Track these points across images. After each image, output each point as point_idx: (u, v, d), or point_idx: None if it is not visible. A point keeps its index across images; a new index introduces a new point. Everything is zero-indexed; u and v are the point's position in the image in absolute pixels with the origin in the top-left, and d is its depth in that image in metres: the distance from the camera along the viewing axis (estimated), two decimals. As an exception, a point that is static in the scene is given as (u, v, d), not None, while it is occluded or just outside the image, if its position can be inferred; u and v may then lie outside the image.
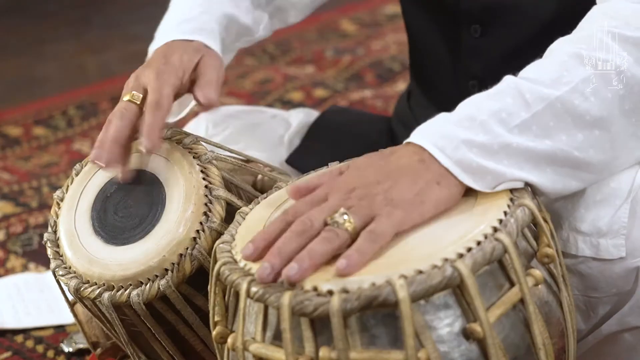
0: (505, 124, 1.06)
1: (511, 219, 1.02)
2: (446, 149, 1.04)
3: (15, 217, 2.13)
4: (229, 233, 1.10)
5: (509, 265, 1.01)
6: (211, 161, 1.24)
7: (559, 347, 1.06)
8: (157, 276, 1.18)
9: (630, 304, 1.17)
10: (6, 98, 2.78)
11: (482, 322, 0.97)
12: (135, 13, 3.23)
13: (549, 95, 1.08)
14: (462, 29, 1.39)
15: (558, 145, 1.08)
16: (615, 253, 1.15)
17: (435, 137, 1.05)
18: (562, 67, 1.10)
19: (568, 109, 1.08)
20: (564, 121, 1.08)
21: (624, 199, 1.15)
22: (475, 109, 1.07)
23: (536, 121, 1.07)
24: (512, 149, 1.06)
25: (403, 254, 0.99)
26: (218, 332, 1.06)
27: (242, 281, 1.00)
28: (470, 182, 1.05)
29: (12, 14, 3.39)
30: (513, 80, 1.10)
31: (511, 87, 1.09)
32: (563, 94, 1.08)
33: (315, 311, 0.95)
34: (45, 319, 1.74)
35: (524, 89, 1.08)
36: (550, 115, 1.07)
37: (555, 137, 1.08)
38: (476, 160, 1.04)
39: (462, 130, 1.05)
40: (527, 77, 1.10)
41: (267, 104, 2.56)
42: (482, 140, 1.05)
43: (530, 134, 1.07)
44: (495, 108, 1.07)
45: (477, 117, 1.06)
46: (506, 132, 1.06)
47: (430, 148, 1.05)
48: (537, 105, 1.07)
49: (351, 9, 3.17)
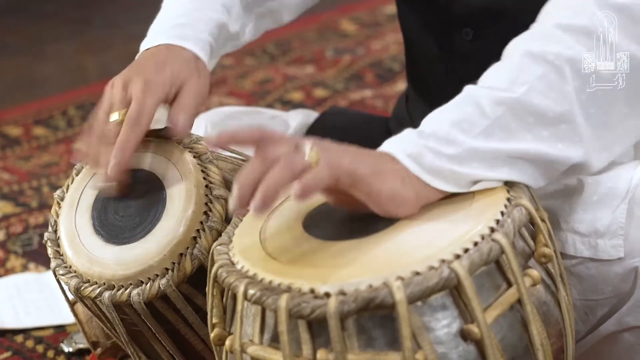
0: (468, 133, 1.06)
1: (508, 219, 1.02)
2: (416, 157, 1.05)
3: (15, 217, 2.13)
4: (226, 235, 1.11)
5: (506, 265, 1.01)
6: (211, 161, 1.24)
7: (557, 347, 1.06)
8: (157, 275, 1.18)
9: (629, 304, 1.17)
10: (6, 98, 2.78)
11: (480, 323, 0.97)
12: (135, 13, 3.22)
13: (507, 99, 1.07)
14: (454, 32, 1.38)
15: (524, 145, 1.07)
16: (613, 253, 1.15)
17: (406, 147, 1.06)
18: (517, 68, 1.09)
19: (528, 109, 1.07)
20: (526, 121, 1.07)
21: (621, 199, 1.15)
22: (436, 125, 1.07)
23: (498, 125, 1.07)
24: (480, 153, 1.06)
25: (400, 256, 0.99)
26: (216, 334, 1.06)
27: (240, 283, 1.00)
28: (444, 186, 1.05)
29: (12, 14, 3.39)
30: (471, 89, 1.10)
31: (469, 96, 1.09)
32: (521, 96, 1.07)
33: (313, 313, 0.95)
34: (45, 319, 1.74)
35: (480, 97, 1.08)
36: (511, 117, 1.07)
37: (521, 137, 1.07)
38: (447, 167, 1.05)
39: (429, 142, 1.06)
40: (484, 84, 1.10)
41: (267, 104, 2.55)
42: (450, 152, 1.05)
43: (495, 137, 1.07)
44: (456, 119, 1.07)
45: (439, 131, 1.06)
46: (470, 139, 1.06)
47: (400, 157, 1.05)
48: (496, 111, 1.07)
49: (351, 9, 3.17)
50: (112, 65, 1.36)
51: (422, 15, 1.44)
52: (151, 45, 1.33)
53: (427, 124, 1.08)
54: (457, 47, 1.39)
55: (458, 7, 1.37)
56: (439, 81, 1.44)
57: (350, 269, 0.98)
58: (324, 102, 2.57)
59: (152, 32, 1.36)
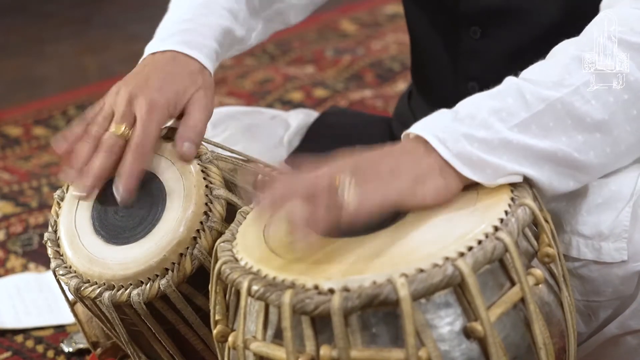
0: (505, 122, 1.07)
1: (512, 218, 1.02)
2: (447, 141, 1.05)
3: (15, 217, 2.13)
4: (230, 232, 1.11)
5: (510, 264, 1.01)
6: (212, 161, 1.24)
7: (560, 346, 1.06)
8: (157, 275, 1.18)
9: (632, 307, 1.17)
10: (6, 98, 2.78)
11: (483, 321, 0.97)
12: (135, 13, 3.23)
13: (550, 96, 1.08)
14: (462, 30, 1.39)
15: (558, 146, 1.08)
16: (617, 257, 1.15)
17: (436, 130, 1.06)
18: (564, 70, 1.10)
19: (568, 111, 1.08)
20: (564, 123, 1.08)
21: (626, 202, 1.15)
22: (475, 108, 1.08)
23: (536, 121, 1.07)
24: (512, 145, 1.06)
25: (404, 253, 0.99)
26: (219, 330, 1.06)
27: (243, 280, 1.00)
28: (469, 174, 1.05)
29: (12, 14, 3.39)
30: (514, 81, 1.10)
31: (512, 87, 1.09)
32: (564, 96, 1.08)
33: (316, 309, 0.95)
34: (45, 319, 1.74)
35: (524, 90, 1.09)
36: (551, 116, 1.08)
37: (555, 137, 1.08)
38: (476, 154, 1.05)
39: (463, 126, 1.06)
40: (528, 78, 1.10)
41: (267, 104, 2.55)
42: (482, 135, 1.06)
43: (530, 133, 1.07)
44: (496, 107, 1.07)
45: (477, 116, 1.07)
46: (506, 129, 1.06)
47: (431, 139, 1.06)
48: (538, 105, 1.08)
49: (351, 9, 3.17)
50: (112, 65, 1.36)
51: (430, 14, 1.44)
52: (157, 49, 1.32)
53: (464, 107, 1.09)
54: (465, 46, 1.39)
55: (467, 6, 1.37)
56: (445, 79, 1.44)
57: (354, 266, 0.98)
58: (324, 102, 2.57)
59: (158, 36, 1.35)
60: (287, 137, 1.57)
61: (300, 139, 1.57)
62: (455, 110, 1.09)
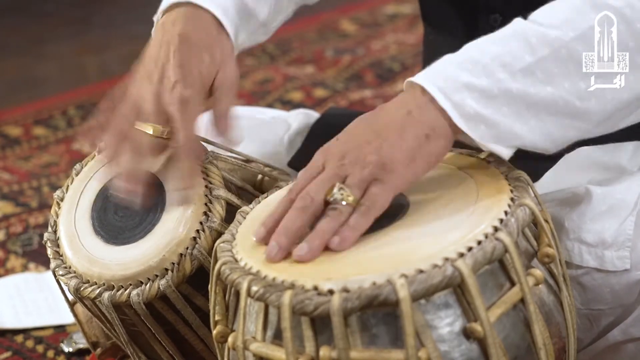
0: (509, 67, 1.05)
1: (512, 218, 1.02)
2: (447, 90, 1.04)
3: (15, 217, 2.13)
4: (229, 232, 1.11)
5: (510, 264, 1.01)
6: (211, 161, 1.24)
7: (559, 347, 1.06)
8: (157, 276, 1.18)
9: (634, 315, 1.17)
10: (6, 98, 2.78)
11: (483, 322, 0.97)
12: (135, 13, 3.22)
13: (555, 39, 1.06)
14: (481, 18, 1.37)
15: (560, 93, 1.06)
16: (619, 265, 1.15)
17: (438, 79, 1.05)
18: (575, 10, 1.08)
19: (572, 56, 1.06)
20: (567, 68, 1.06)
21: (629, 210, 1.15)
22: (479, 52, 1.06)
23: (540, 66, 1.06)
24: (512, 94, 1.05)
25: (403, 253, 0.99)
26: (218, 331, 1.06)
27: (243, 280, 1.00)
28: (464, 127, 1.04)
29: (12, 14, 3.39)
30: (521, 24, 1.08)
31: (518, 31, 1.07)
32: (570, 41, 1.06)
33: (316, 310, 0.95)
34: (45, 319, 1.74)
35: (530, 33, 1.07)
36: (555, 61, 1.06)
37: (558, 84, 1.06)
38: (474, 107, 1.04)
39: (465, 72, 1.05)
40: (535, 20, 1.08)
41: (267, 104, 2.55)
42: (483, 84, 1.04)
43: (534, 78, 1.05)
44: (500, 52, 1.06)
45: (480, 60, 1.05)
46: (509, 76, 1.05)
47: (431, 88, 1.05)
48: (542, 50, 1.06)
49: (351, 9, 3.17)
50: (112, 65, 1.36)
51: (448, 3, 1.42)
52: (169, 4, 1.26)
53: (466, 51, 1.07)
54: (483, 32, 1.38)
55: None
56: None
57: (353, 267, 0.98)
58: (324, 102, 2.57)
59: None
60: (287, 137, 1.56)
61: (300, 139, 1.57)
62: (459, 53, 1.07)
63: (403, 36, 2.95)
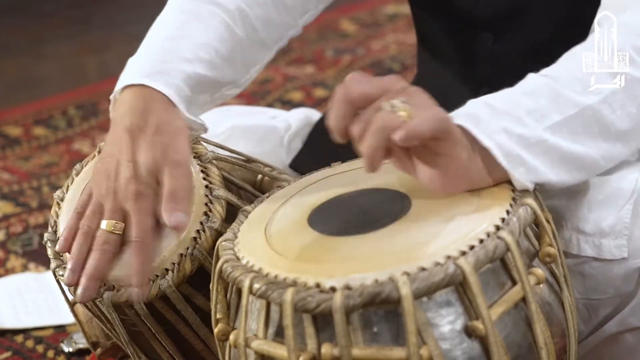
0: (540, 122, 1.07)
1: (514, 217, 1.02)
2: (488, 131, 1.05)
3: (15, 217, 2.13)
4: (231, 231, 1.11)
5: (511, 263, 1.01)
6: (211, 161, 1.24)
7: (560, 346, 1.06)
8: (157, 276, 1.18)
9: (632, 304, 1.17)
10: (6, 98, 2.78)
11: (484, 320, 0.97)
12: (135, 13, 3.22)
13: (581, 102, 1.09)
14: (475, 35, 1.38)
15: (585, 150, 1.09)
16: (617, 254, 1.15)
17: (477, 121, 1.06)
18: (592, 78, 1.11)
19: (597, 119, 1.10)
20: (592, 129, 1.10)
21: (627, 199, 1.15)
22: (512, 104, 1.08)
23: (567, 125, 1.08)
24: (547, 144, 1.07)
25: (406, 251, 0.99)
26: (220, 329, 1.06)
27: (245, 278, 1.00)
28: (506, 164, 1.05)
29: (12, 14, 3.39)
30: (545, 81, 1.11)
31: (544, 88, 1.10)
32: (594, 104, 1.09)
33: (318, 307, 0.95)
34: (45, 319, 1.74)
35: (557, 92, 1.09)
36: (581, 121, 1.09)
37: (583, 142, 1.09)
38: (515, 148, 1.05)
39: (502, 120, 1.06)
40: (558, 79, 1.11)
41: (267, 104, 2.55)
42: (521, 132, 1.06)
43: (561, 135, 1.08)
44: (531, 107, 1.08)
45: (514, 112, 1.07)
46: (542, 129, 1.07)
47: (473, 129, 1.05)
48: (570, 110, 1.09)
49: (351, 9, 3.17)
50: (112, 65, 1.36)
51: (441, 20, 1.43)
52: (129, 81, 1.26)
53: (500, 102, 1.08)
54: (478, 50, 1.39)
55: (480, 11, 1.36)
56: (456, 84, 1.43)
57: (356, 264, 0.98)
58: (324, 102, 2.57)
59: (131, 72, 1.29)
60: (287, 137, 1.56)
61: (301, 139, 1.57)
62: (491, 104, 1.08)
63: (403, 36, 2.95)
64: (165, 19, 1.35)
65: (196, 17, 1.33)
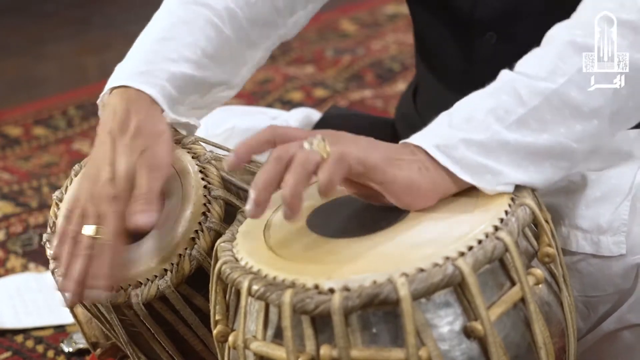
0: (502, 121, 1.07)
1: (512, 217, 1.02)
2: (445, 148, 1.05)
3: (15, 217, 2.13)
4: (230, 232, 1.11)
5: (510, 264, 1.01)
6: (210, 161, 1.24)
7: (559, 346, 1.06)
8: (156, 276, 1.18)
9: (630, 301, 1.17)
10: (6, 98, 2.78)
11: (483, 321, 0.97)
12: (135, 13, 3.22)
13: (545, 89, 1.08)
14: (477, 36, 1.38)
15: (556, 138, 1.08)
16: (615, 250, 1.15)
17: (434, 139, 1.06)
18: (558, 58, 1.10)
19: (565, 102, 1.08)
20: (562, 114, 1.08)
21: (624, 195, 1.15)
22: (471, 110, 1.08)
23: (533, 116, 1.07)
24: (510, 146, 1.06)
25: (404, 252, 0.99)
26: (219, 330, 1.06)
27: (244, 279, 1.01)
28: (470, 179, 1.05)
29: (12, 14, 3.39)
30: (509, 76, 1.10)
31: (507, 84, 1.09)
32: (559, 87, 1.08)
33: (317, 309, 0.95)
34: (45, 319, 1.74)
35: (519, 85, 1.08)
36: (547, 109, 1.07)
37: (554, 130, 1.08)
38: (475, 159, 1.05)
39: (460, 131, 1.06)
40: (522, 71, 1.10)
41: (267, 104, 2.55)
42: (480, 138, 1.06)
43: (528, 129, 1.07)
44: (492, 106, 1.07)
45: (473, 118, 1.07)
46: (504, 129, 1.06)
47: (429, 148, 1.05)
48: (533, 100, 1.07)
49: (351, 9, 3.17)
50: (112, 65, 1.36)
51: (442, 21, 1.43)
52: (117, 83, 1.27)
53: (459, 110, 1.09)
54: (479, 51, 1.39)
55: (481, 12, 1.36)
56: (456, 85, 1.43)
57: (354, 266, 0.98)
58: (324, 102, 2.57)
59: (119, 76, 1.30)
60: (287, 137, 1.56)
61: (301, 139, 1.57)
62: (450, 114, 1.09)
63: (403, 36, 2.95)
64: (154, 23, 1.36)
65: (184, 19, 1.33)
